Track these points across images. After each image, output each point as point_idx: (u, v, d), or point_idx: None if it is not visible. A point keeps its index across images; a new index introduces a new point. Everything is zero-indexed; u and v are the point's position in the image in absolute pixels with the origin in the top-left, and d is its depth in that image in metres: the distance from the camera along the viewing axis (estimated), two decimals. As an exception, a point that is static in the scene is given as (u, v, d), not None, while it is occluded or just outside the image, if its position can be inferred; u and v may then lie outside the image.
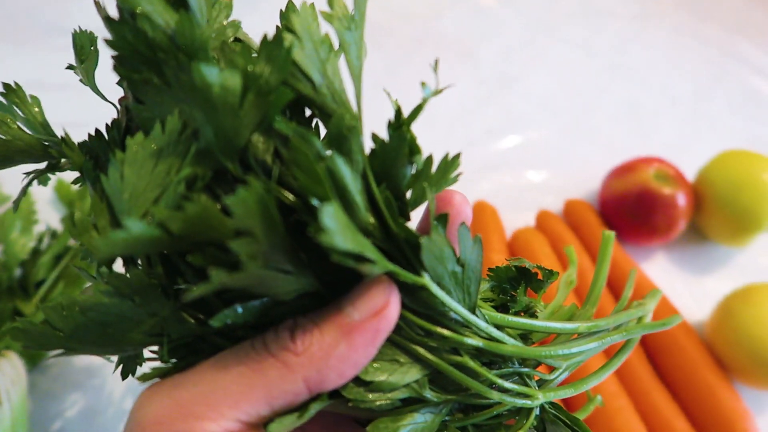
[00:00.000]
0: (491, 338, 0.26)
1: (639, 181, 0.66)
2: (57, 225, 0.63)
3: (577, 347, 0.28)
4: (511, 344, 0.26)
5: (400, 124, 0.24)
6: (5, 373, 0.49)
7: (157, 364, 0.26)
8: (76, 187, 0.62)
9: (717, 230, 0.69)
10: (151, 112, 0.21)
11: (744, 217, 0.66)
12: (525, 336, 0.29)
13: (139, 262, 0.24)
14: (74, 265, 0.55)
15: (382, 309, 0.23)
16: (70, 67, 0.31)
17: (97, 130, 0.27)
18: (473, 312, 0.25)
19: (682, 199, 0.66)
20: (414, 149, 0.24)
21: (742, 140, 0.85)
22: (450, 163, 0.25)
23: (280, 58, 0.21)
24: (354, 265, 0.20)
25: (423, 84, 0.24)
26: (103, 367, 0.57)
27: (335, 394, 0.24)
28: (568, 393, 0.28)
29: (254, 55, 0.21)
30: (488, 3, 0.97)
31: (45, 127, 0.30)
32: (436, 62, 0.25)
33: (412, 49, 0.87)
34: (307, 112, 0.25)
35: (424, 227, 0.27)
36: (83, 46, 0.30)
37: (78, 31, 0.29)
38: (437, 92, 0.24)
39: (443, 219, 0.23)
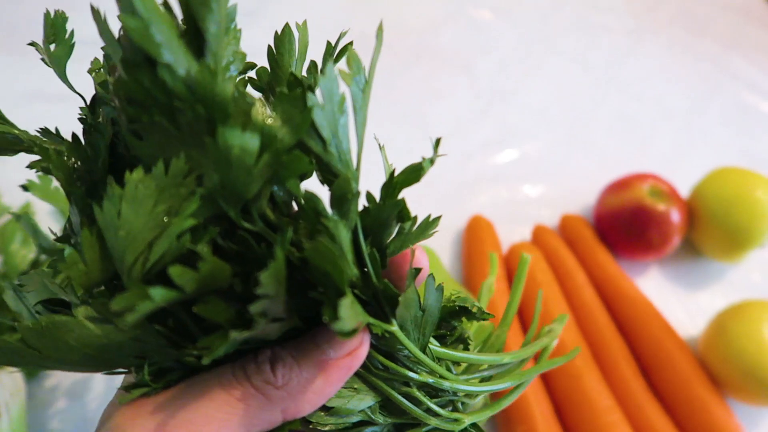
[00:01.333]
0: (436, 374, 0.29)
1: (634, 198, 0.67)
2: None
3: (500, 384, 0.33)
4: (451, 378, 0.30)
5: (393, 188, 0.25)
6: (4, 385, 0.49)
7: None
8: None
9: (711, 246, 0.70)
10: (152, 150, 0.20)
11: (737, 234, 0.67)
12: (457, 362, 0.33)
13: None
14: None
15: (356, 349, 0.25)
16: (32, 43, 0.31)
17: (74, 136, 0.26)
18: (425, 350, 0.28)
19: (676, 216, 0.67)
20: (405, 215, 0.26)
21: (735, 154, 0.86)
22: (431, 223, 0.27)
23: (300, 119, 0.21)
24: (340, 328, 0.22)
25: (424, 159, 0.25)
26: (101, 377, 0.57)
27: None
28: (487, 414, 0.33)
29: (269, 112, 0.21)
30: (484, 17, 0.98)
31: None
32: (437, 141, 0.26)
33: (409, 62, 0.87)
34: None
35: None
36: (57, 30, 0.30)
37: (52, 14, 0.30)
38: (434, 159, 0.26)
39: (414, 273, 0.26)
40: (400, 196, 0.25)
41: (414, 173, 0.25)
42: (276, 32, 0.31)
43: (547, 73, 0.92)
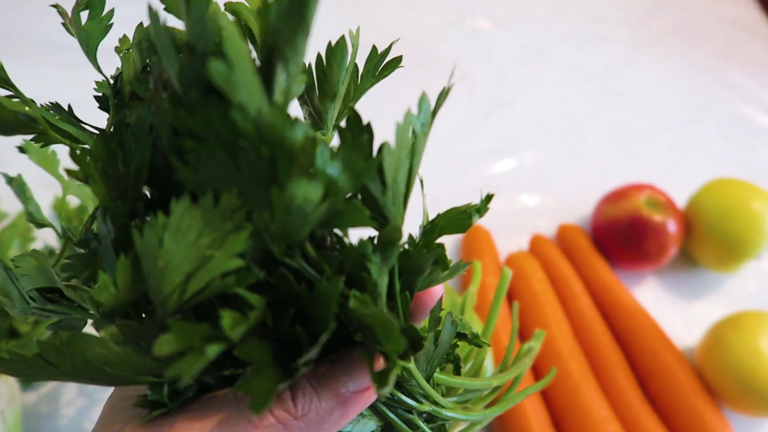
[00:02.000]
0: (438, 404, 0.30)
1: (630, 208, 0.67)
2: (54, 243, 0.63)
3: (494, 412, 0.34)
4: (450, 408, 0.30)
5: (434, 233, 0.26)
6: (0, 393, 0.49)
7: None
8: (74, 204, 0.62)
9: (707, 257, 0.70)
10: (202, 180, 0.19)
11: (734, 245, 0.67)
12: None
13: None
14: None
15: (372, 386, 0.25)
16: (54, 6, 0.29)
17: (103, 134, 0.24)
18: (429, 380, 0.29)
19: (672, 226, 0.67)
20: (441, 263, 0.26)
21: (731, 165, 0.87)
22: (461, 267, 0.27)
23: (364, 168, 0.20)
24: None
25: (472, 209, 0.27)
26: (97, 387, 0.57)
27: None
28: None
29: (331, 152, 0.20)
30: (483, 27, 0.99)
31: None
32: (489, 197, 0.27)
33: (408, 71, 0.87)
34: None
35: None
36: (95, 7, 0.28)
37: None
38: (482, 211, 0.27)
39: (439, 311, 0.27)
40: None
41: (459, 222, 0.26)
42: (330, 43, 0.30)
43: (544, 83, 0.93)
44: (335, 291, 0.22)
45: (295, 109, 0.28)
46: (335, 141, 0.23)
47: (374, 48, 0.30)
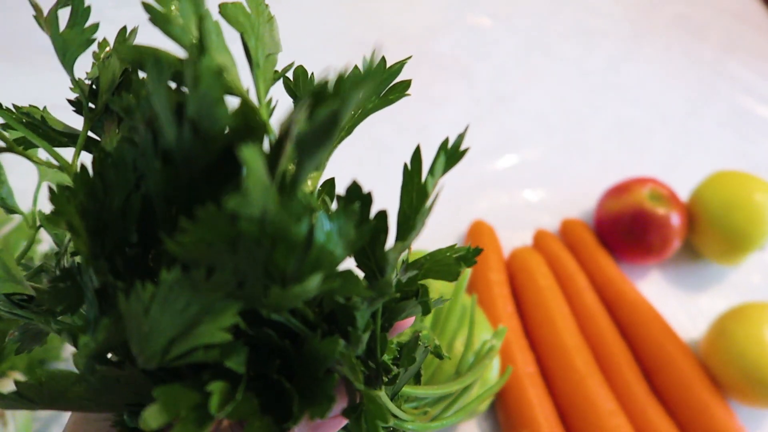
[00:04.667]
0: (400, 419, 0.30)
1: (634, 202, 0.68)
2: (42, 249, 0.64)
3: (452, 420, 0.35)
4: (411, 420, 0.31)
5: (414, 278, 0.26)
6: (9, 395, 0.49)
7: None
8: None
9: (711, 249, 0.70)
10: (193, 256, 0.18)
11: (737, 237, 0.67)
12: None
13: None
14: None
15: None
16: (35, 20, 0.27)
17: (83, 169, 0.23)
18: (394, 397, 0.29)
19: (676, 219, 0.67)
20: (424, 307, 0.26)
21: (733, 158, 0.87)
22: (437, 302, 0.28)
23: (356, 237, 0.20)
24: None
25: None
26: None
27: None
28: None
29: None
30: (483, 23, 0.99)
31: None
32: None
33: (408, 69, 0.88)
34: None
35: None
36: (75, 9, 0.27)
37: None
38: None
39: (412, 351, 0.28)
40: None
41: (447, 269, 0.27)
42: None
43: (545, 79, 0.93)
44: (333, 351, 0.22)
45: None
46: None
47: (383, 60, 0.29)
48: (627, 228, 0.68)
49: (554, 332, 0.60)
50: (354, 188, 0.21)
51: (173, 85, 0.19)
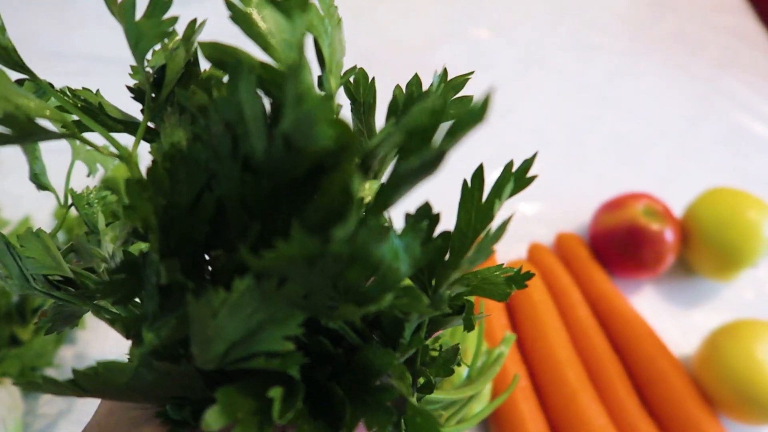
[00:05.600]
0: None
1: (628, 217, 0.68)
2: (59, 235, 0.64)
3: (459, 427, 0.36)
4: None
5: (460, 295, 0.26)
6: (2, 401, 0.49)
7: None
8: (74, 213, 0.63)
9: (704, 265, 0.71)
10: (269, 269, 0.18)
11: (730, 253, 0.68)
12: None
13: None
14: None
15: None
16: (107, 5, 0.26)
17: (155, 165, 0.22)
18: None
19: (669, 235, 0.68)
20: (467, 324, 0.26)
21: (728, 174, 0.87)
22: (476, 318, 0.28)
23: (421, 255, 0.20)
24: None
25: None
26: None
27: None
28: None
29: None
30: (482, 36, 0.99)
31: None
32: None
33: (407, 79, 0.88)
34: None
35: None
36: (157, 5, 0.25)
37: None
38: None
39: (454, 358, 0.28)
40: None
41: (496, 290, 0.27)
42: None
43: (543, 92, 0.94)
44: (388, 363, 0.22)
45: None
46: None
47: (486, 103, 0.31)
48: (621, 243, 0.68)
49: (547, 346, 0.61)
50: (424, 208, 0.22)
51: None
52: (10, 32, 0.29)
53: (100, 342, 0.60)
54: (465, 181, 0.25)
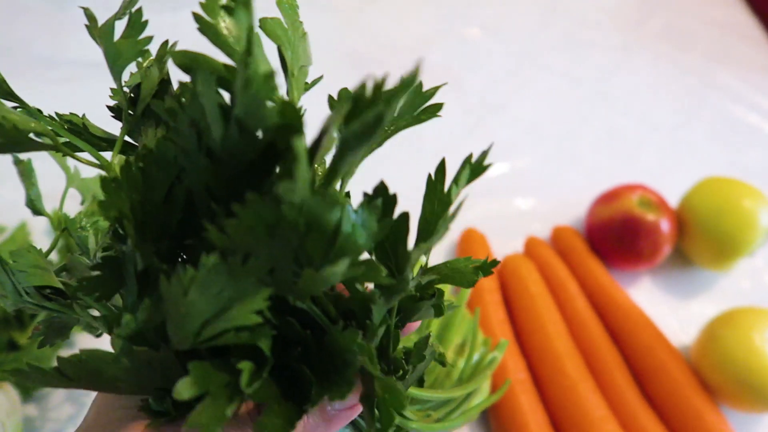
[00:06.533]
0: (405, 417, 0.32)
1: (623, 208, 0.68)
2: (52, 255, 0.64)
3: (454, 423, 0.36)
4: (414, 420, 0.32)
5: (431, 282, 0.28)
6: (1, 405, 0.49)
7: None
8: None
9: (701, 255, 0.71)
10: (233, 245, 0.20)
11: (726, 243, 0.68)
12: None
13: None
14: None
15: (357, 404, 0.28)
16: (83, 7, 0.30)
17: (128, 164, 0.24)
18: None
19: (665, 225, 0.68)
20: (438, 310, 0.28)
21: (721, 166, 0.87)
22: (449, 307, 0.29)
23: (378, 230, 0.21)
24: None
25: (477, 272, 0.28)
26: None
27: None
28: None
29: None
30: (474, 34, 1.00)
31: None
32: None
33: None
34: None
35: None
36: (133, 24, 0.29)
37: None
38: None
39: (423, 349, 0.29)
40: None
41: (465, 277, 0.28)
42: None
43: (536, 89, 0.94)
44: (352, 341, 0.23)
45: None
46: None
47: (420, 84, 0.32)
48: (617, 234, 0.68)
49: (546, 338, 0.61)
50: (380, 187, 0.24)
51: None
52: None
53: (98, 346, 0.60)
54: (429, 175, 0.27)
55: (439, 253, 0.72)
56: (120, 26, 0.29)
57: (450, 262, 0.29)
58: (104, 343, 0.27)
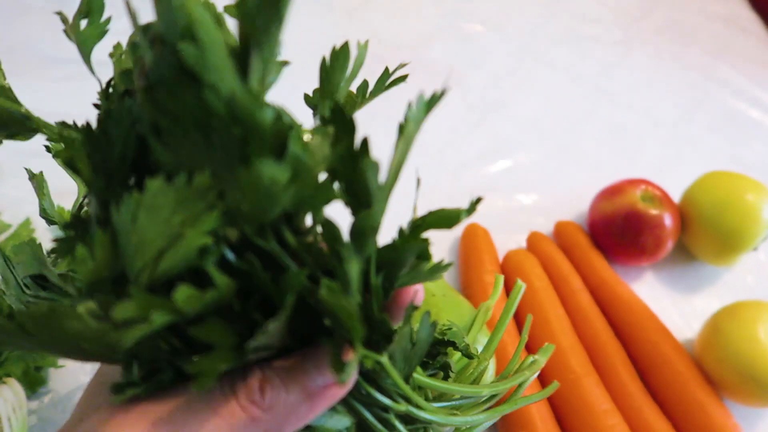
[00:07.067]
0: (415, 404, 0.30)
1: (626, 203, 0.68)
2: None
3: (473, 416, 0.34)
4: (428, 410, 0.30)
5: (421, 228, 0.25)
6: (6, 400, 0.49)
7: None
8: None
9: (704, 250, 0.71)
10: (176, 159, 0.20)
11: (729, 237, 0.68)
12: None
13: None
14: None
15: (343, 384, 0.25)
16: (59, 12, 0.31)
17: (88, 125, 0.24)
18: (408, 379, 0.29)
19: (668, 220, 0.68)
20: (424, 256, 0.25)
21: (723, 160, 0.87)
22: (442, 267, 0.27)
23: (330, 155, 0.21)
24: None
25: (462, 211, 0.26)
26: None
27: None
28: None
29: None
30: (476, 30, 1.00)
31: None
32: (477, 200, 0.27)
33: (400, 76, 0.89)
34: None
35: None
36: (92, 8, 0.30)
37: None
38: (471, 211, 0.26)
39: (412, 309, 0.27)
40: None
41: (447, 220, 0.25)
42: (333, 47, 0.31)
43: (538, 85, 0.94)
44: (298, 282, 0.22)
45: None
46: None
47: (386, 69, 0.33)
48: (620, 229, 0.68)
49: (549, 333, 0.61)
50: (335, 110, 0.22)
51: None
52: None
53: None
54: (400, 123, 0.24)
55: (442, 249, 0.72)
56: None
57: (436, 210, 0.27)
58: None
